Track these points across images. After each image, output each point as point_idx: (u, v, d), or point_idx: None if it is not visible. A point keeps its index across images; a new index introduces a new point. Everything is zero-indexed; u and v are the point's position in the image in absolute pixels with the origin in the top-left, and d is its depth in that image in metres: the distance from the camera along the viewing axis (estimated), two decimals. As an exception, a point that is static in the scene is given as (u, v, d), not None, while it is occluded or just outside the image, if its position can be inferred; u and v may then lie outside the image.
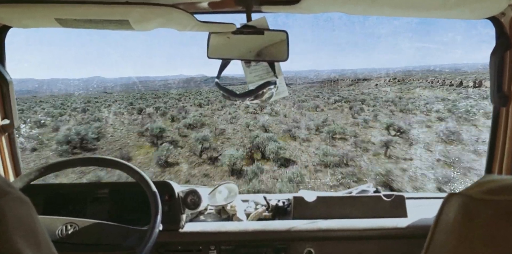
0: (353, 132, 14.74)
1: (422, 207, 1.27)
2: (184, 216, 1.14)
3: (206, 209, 1.29)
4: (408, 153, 12.23)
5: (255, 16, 0.93)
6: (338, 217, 1.17)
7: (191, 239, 1.13)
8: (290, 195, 1.29)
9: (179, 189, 1.17)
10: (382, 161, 11.35)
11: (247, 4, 0.90)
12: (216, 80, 0.96)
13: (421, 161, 11.34)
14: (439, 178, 9.19)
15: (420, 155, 11.92)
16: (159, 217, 0.95)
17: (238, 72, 1.10)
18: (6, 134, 1.16)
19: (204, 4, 0.96)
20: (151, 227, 0.93)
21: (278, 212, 1.25)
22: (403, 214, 1.18)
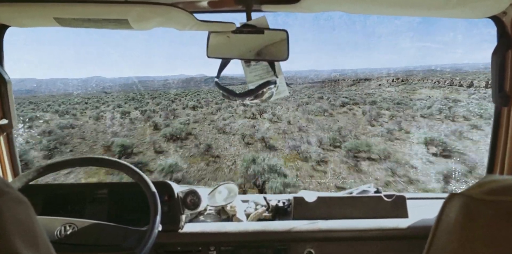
0: (380, 149, 11.13)
1: (423, 208, 1.26)
2: (183, 217, 1.14)
3: (205, 210, 1.28)
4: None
5: (255, 15, 0.92)
6: (339, 217, 1.17)
7: (191, 240, 1.12)
8: (290, 195, 1.28)
9: (178, 189, 1.17)
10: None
11: (247, 3, 0.90)
12: (216, 79, 0.95)
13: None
14: None
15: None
16: (158, 218, 0.95)
17: (238, 72, 1.09)
18: (5, 133, 1.16)
19: (204, 3, 0.95)
20: (150, 227, 0.93)
21: (278, 213, 1.24)
22: (404, 214, 1.18)
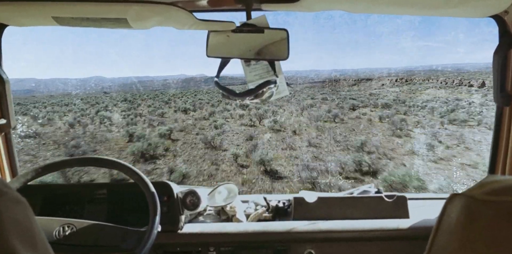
0: (435, 184, 7.71)
1: (424, 208, 1.25)
2: (183, 217, 1.13)
3: (205, 210, 1.28)
4: None
5: (255, 14, 0.92)
6: (339, 218, 1.16)
7: (190, 240, 1.12)
8: (291, 196, 1.27)
9: (178, 189, 1.16)
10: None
11: (247, 2, 0.89)
12: (216, 79, 0.95)
13: None
14: None
15: None
16: (157, 218, 0.94)
17: (238, 72, 1.08)
18: (3, 133, 1.16)
19: (203, 2, 0.94)
20: (149, 228, 0.92)
21: (278, 213, 1.23)
22: (405, 215, 1.17)
